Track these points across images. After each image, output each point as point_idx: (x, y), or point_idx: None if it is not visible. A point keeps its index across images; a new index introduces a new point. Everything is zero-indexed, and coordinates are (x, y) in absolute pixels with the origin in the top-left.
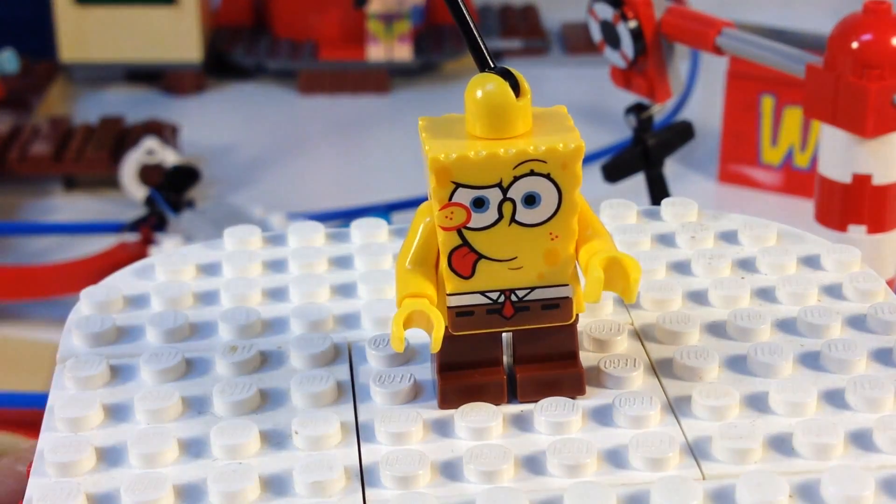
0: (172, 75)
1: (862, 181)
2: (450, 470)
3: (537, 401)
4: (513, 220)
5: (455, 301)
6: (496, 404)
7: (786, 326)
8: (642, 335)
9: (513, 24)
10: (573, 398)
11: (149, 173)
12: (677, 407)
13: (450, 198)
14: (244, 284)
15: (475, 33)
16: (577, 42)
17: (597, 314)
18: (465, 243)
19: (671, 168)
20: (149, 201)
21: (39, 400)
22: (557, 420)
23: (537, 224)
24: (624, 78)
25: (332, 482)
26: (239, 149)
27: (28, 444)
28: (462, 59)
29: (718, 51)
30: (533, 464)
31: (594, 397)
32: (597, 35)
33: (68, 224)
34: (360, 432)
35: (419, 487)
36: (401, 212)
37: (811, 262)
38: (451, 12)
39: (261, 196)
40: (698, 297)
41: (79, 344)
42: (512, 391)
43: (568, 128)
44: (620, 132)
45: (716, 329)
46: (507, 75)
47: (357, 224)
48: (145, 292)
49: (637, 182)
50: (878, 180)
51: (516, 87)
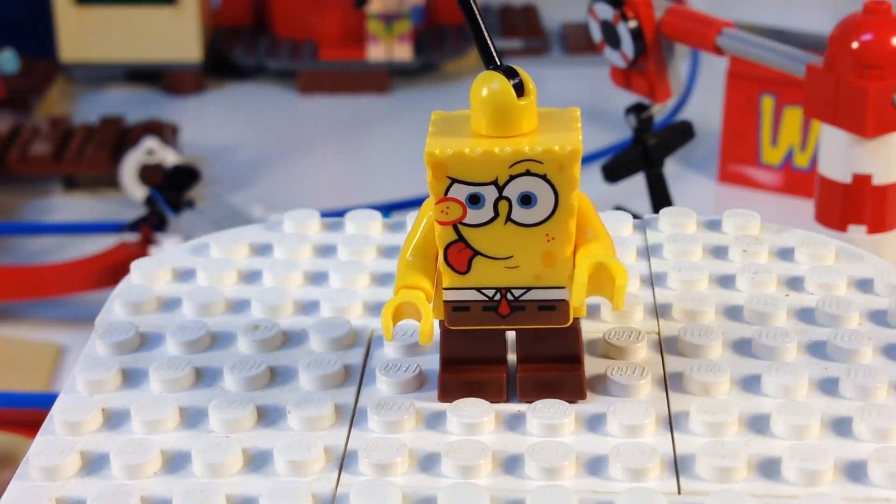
0: (172, 75)
1: (862, 181)
2: (428, 462)
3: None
4: (508, 219)
5: (451, 295)
6: (495, 402)
7: (814, 348)
8: (665, 345)
9: (513, 24)
10: (573, 402)
11: (149, 173)
12: (677, 421)
13: (446, 192)
14: (289, 266)
15: (483, 30)
16: (577, 42)
17: (625, 321)
18: (461, 239)
19: (671, 168)
20: (149, 201)
21: (39, 400)
22: (549, 422)
23: (533, 224)
24: (624, 78)
25: (310, 463)
26: (239, 149)
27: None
28: (462, 59)
29: (718, 51)
30: (512, 463)
31: (593, 403)
32: (597, 35)
33: (68, 224)
34: (356, 418)
35: (394, 476)
36: (401, 212)
37: (863, 285)
38: (461, 8)
39: (261, 196)
40: (733, 312)
41: (119, 311)
42: (513, 390)
43: (571, 130)
44: (620, 132)
45: (740, 346)
46: (513, 74)
47: (412, 216)
48: (192, 267)
49: (637, 182)
50: (878, 180)
51: (521, 86)
